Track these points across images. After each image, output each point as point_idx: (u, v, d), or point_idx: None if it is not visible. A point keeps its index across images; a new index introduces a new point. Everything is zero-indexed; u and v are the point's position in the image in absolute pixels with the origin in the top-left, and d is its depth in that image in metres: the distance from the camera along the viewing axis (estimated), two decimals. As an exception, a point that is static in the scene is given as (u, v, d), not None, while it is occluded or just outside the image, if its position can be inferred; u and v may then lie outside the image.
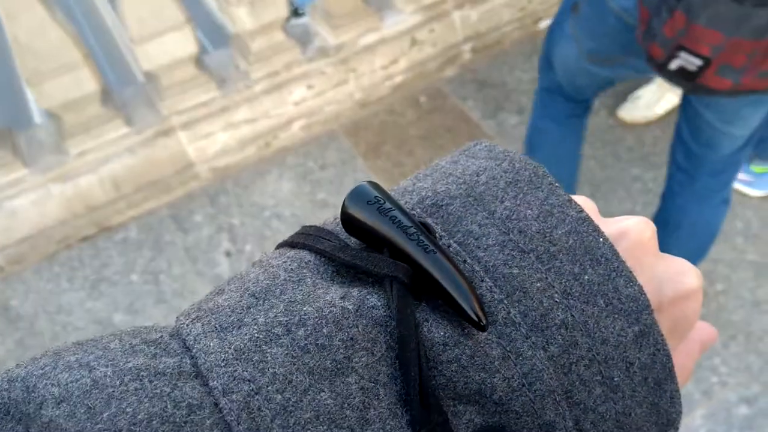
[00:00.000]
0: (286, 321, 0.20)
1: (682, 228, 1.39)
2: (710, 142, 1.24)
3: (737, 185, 1.82)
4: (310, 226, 0.25)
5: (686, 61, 0.98)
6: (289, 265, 0.22)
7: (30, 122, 2.16)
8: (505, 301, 0.21)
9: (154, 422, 0.17)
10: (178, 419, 0.17)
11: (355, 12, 2.18)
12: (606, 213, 0.25)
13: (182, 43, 1.88)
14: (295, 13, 2.33)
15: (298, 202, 1.99)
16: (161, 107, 1.95)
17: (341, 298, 0.21)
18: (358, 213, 0.23)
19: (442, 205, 0.23)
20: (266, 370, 0.19)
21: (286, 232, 1.91)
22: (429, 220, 0.23)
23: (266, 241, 1.89)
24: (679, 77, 1.02)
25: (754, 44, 0.94)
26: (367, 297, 0.21)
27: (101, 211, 1.92)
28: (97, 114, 1.86)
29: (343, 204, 0.23)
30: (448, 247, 0.23)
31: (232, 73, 2.08)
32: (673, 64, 1.00)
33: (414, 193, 0.25)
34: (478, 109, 2.20)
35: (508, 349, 0.21)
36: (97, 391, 0.17)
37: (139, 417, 0.17)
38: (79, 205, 1.89)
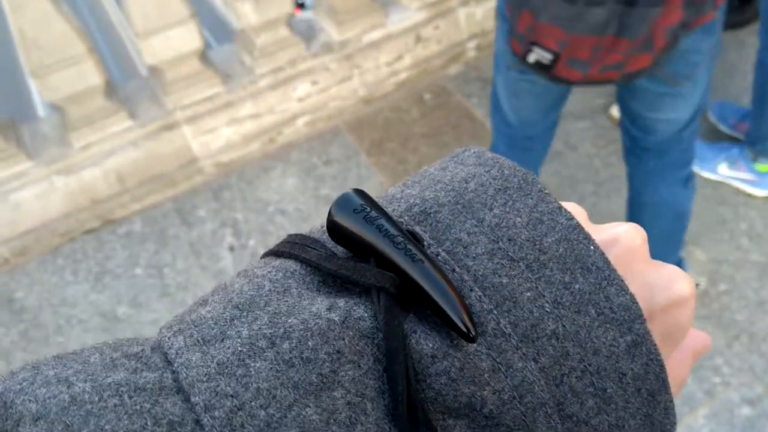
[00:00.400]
0: (271, 333, 0.19)
1: (644, 210, 1.42)
2: (646, 128, 1.29)
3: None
4: (296, 235, 0.24)
5: (540, 55, 1.08)
6: (274, 275, 0.22)
7: (34, 115, 2.17)
8: (495, 312, 0.21)
9: None
10: None
11: (360, 8, 2.17)
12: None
13: (187, 38, 1.87)
14: (297, 4, 2.32)
15: (302, 198, 1.99)
16: (166, 102, 1.95)
17: (327, 309, 0.20)
18: (344, 221, 0.22)
19: (430, 213, 0.23)
20: (249, 384, 0.18)
21: (289, 228, 1.91)
22: (417, 228, 0.23)
23: (270, 236, 1.89)
24: (538, 69, 1.11)
25: (595, 40, 1.02)
26: (354, 308, 0.21)
27: (105, 204, 1.93)
28: (101, 107, 1.86)
29: (329, 212, 0.23)
30: (437, 255, 0.22)
31: (237, 69, 2.07)
32: (530, 58, 1.09)
33: (402, 200, 0.24)
34: (483, 106, 2.19)
35: (498, 360, 0.21)
36: (75, 407, 0.17)
37: None
38: (83, 198, 1.89)
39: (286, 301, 0.21)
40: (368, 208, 0.22)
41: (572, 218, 0.23)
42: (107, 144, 1.88)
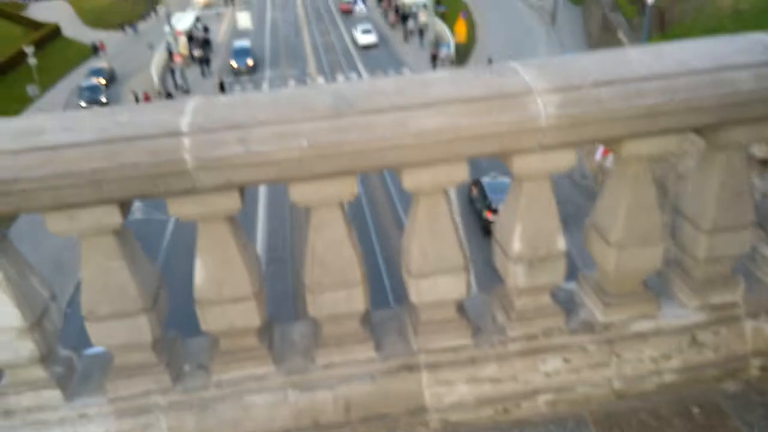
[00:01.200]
0: None
1: None
2: None
3: None
4: None
5: None
6: None
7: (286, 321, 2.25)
8: None
9: None
10: None
11: (630, 293, 2.02)
12: None
13: (454, 286, 1.85)
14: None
15: (529, 493, 1.69)
16: (412, 341, 1.89)
17: None
18: None
19: None
20: None
21: None
22: None
23: None
24: None
25: None
26: None
27: (325, 431, 1.83)
28: (353, 332, 1.86)
29: None
30: None
31: (488, 325, 1.99)
32: None
33: None
34: (770, 443, 1.77)
35: None
36: None
37: None
38: (307, 418, 1.82)
39: None
40: None
41: None
42: (347, 369, 1.83)
